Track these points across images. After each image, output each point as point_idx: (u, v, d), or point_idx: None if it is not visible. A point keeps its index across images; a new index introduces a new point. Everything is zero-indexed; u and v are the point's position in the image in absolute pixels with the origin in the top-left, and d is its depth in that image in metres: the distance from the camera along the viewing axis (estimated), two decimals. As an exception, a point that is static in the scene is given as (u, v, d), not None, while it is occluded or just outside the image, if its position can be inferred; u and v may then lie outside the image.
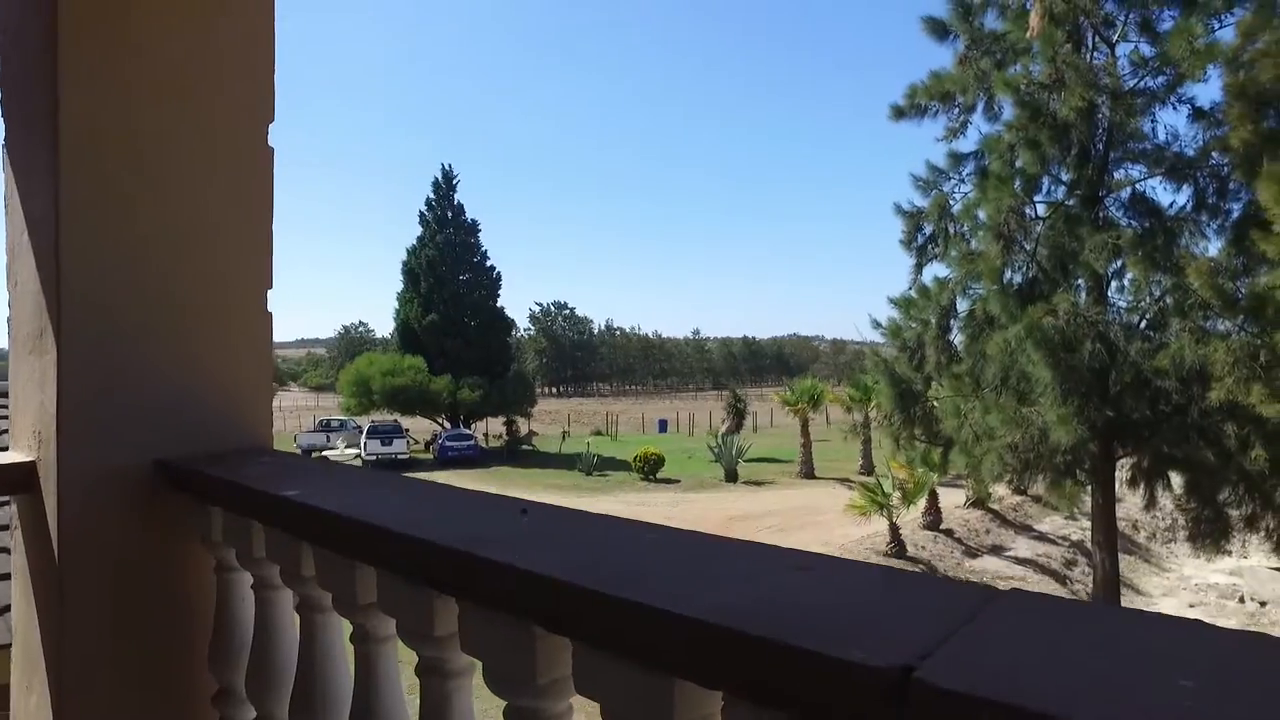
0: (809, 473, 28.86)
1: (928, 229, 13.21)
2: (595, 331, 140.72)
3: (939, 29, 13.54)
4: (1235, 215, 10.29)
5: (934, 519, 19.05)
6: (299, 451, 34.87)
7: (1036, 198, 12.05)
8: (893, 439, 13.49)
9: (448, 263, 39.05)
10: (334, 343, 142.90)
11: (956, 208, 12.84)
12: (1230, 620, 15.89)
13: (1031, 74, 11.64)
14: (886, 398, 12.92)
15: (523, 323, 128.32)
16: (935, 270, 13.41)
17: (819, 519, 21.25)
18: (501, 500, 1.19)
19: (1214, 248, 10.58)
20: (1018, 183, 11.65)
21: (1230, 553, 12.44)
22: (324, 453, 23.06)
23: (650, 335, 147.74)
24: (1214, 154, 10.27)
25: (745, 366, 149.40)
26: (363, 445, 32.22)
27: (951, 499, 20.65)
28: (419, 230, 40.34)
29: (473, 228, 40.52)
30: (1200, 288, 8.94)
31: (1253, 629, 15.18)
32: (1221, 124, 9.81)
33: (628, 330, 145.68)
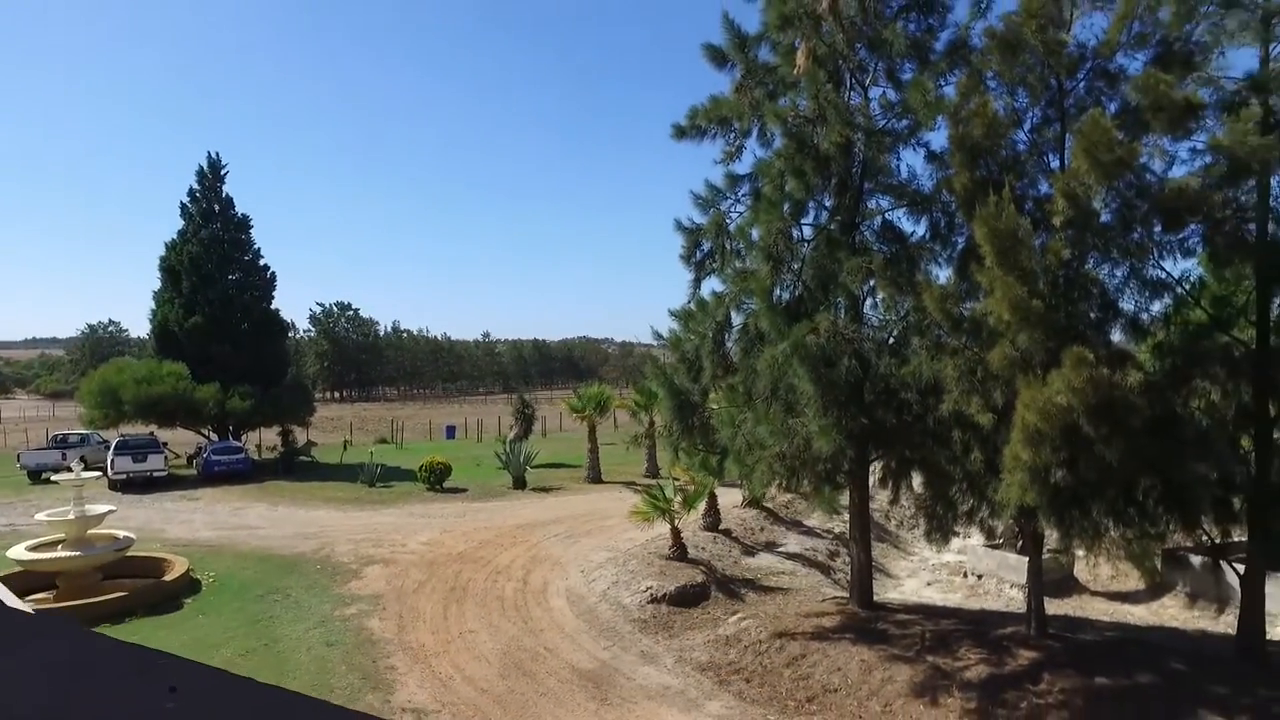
0: (596, 478, 29.32)
1: (706, 245, 13.91)
2: (381, 333, 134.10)
3: (718, 57, 14.28)
4: (960, 247, 11.80)
5: (713, 520, 20.04)
6: (23, 472, 30.08)
7: (803, 221, 13.04)
8: (672, 449, 14.04)
9: (214, 260, 35.34)
10: (76, 343, 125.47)
11: (733, 226, 13.63)
12: (958, 592, 18.18)
13: (799, 108, 12.57)
14: (666, 409, 13.43)
15: (303, 324, 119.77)
16: (714, 285, 14.17)
17: (605, 524, 21.64)
18: (152, 666, 0.98)
19: (945, 274, 12.09)
20: (786, 206, 12.52)
21: (958, 534, 14.15)
22: (55, 475, 19.92)
23: (439, 337, 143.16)
24: (944, 192, 11.69)
25: (536, 369, 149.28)
26: (109, 463, 28.21)
27: (730, 499, 21.84)
28: (180, 223, 36.20)
29: (244, 223, 37.02)
30: (933, 310, 10.11)
31: (973, 596, 17.40)
32: (949, 167, 11.18)
33: (415, 332, 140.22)
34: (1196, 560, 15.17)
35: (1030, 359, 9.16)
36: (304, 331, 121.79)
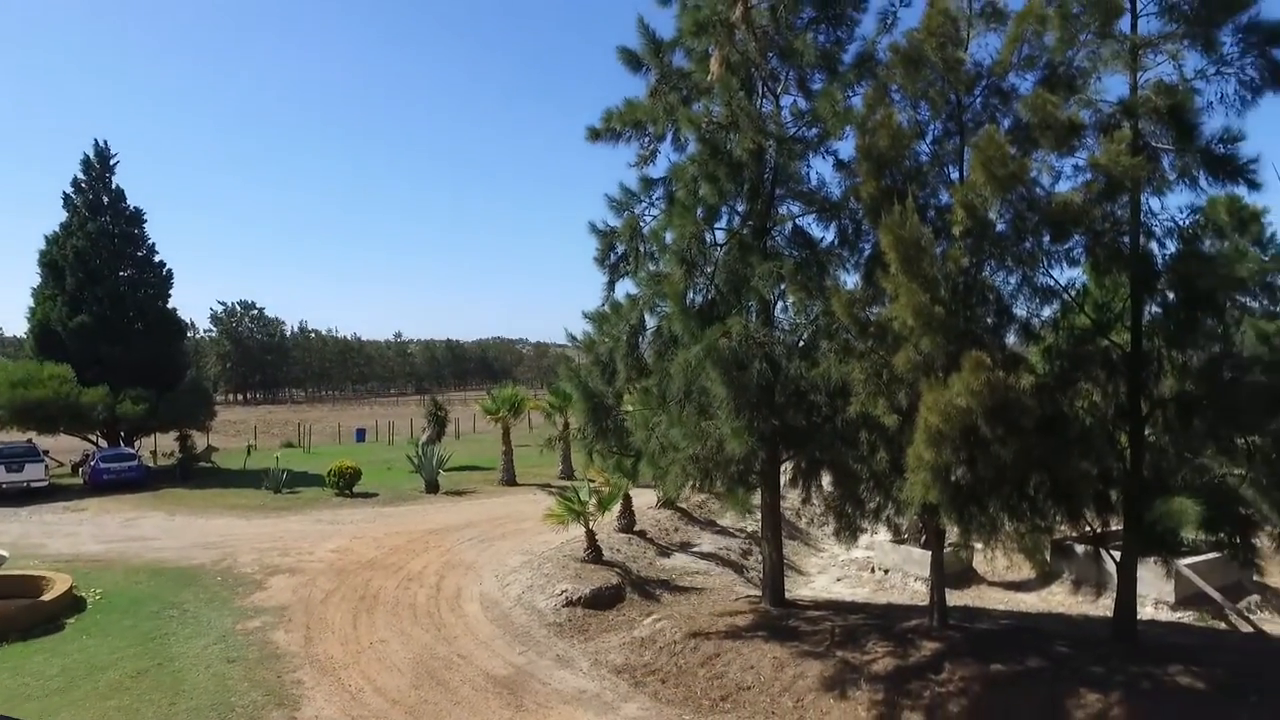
0: (510, 480, 29.07)
1: (620, 248, 13.96)
2: (288, 333, 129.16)
3: (633, 60, 14.36)
4: (867, 253, 12.21)
5: (629, 521, 20.14)
6: None
7: (717, 225, 13.22)
8: (587, 452, 14.03)
9: (103, 256, 33.24)
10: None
11: (647, 230, 13.72)
12: (866, 587, 18.80)
13: (712, 114, 12.75)
14: (580, 411, 13.42)
15: (203, 324, 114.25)
16: (628, 287, 14.23)
17: (520, 527, 21.47)
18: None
19: (853, 280, 12.49)
20: (700, 211, 12.67)
21: (866, 530, 14.62)
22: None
23: (349, 337, 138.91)
24: (852, 200, 12.07)
25: (449, 370, 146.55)
26: None
27: (645, 500, 21.99)
28: (64, 216, 33.88)
29: (136, 216, 34.98)
30: (841, 314, 10.43)
31: (880, 590, 18.05)
32: (856, 176, 11.54)
33: (324, 332, 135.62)
34: (1080, 549, 16.13)
35: (932, 362, 9.55)
36: (204, 332, 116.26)
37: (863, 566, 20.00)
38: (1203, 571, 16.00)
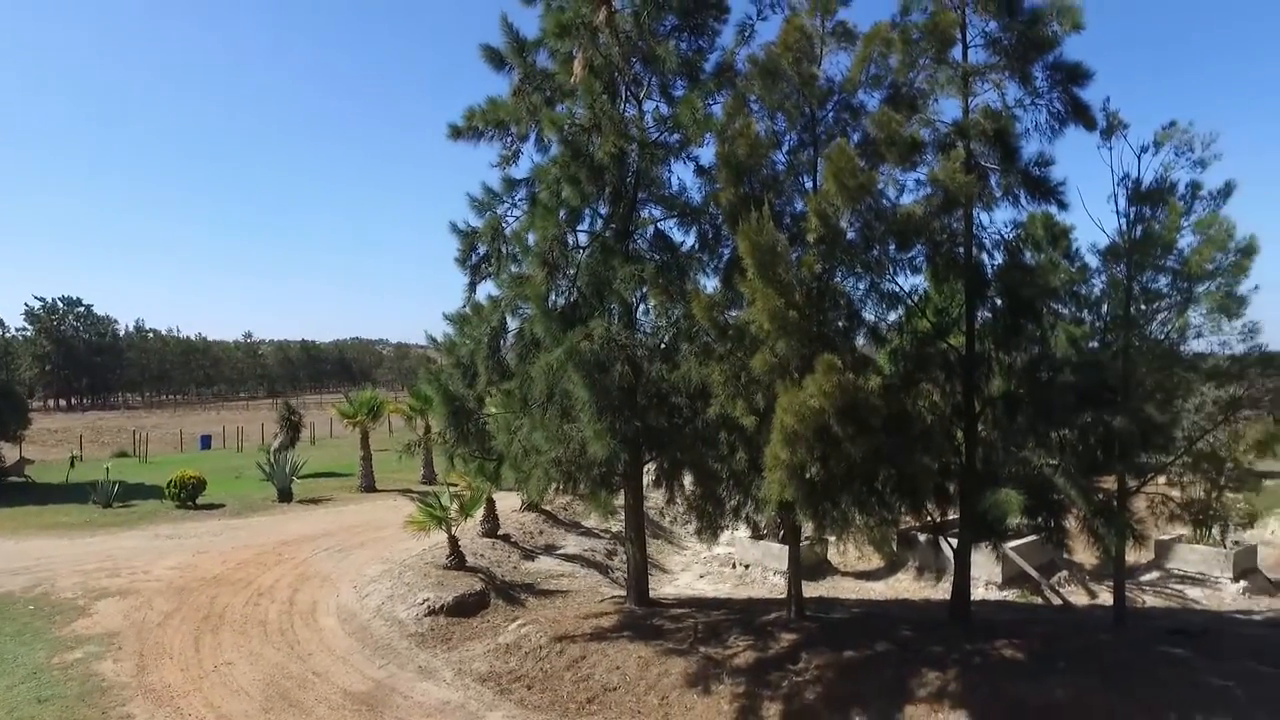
0: (370, 486, 27.97)
1: (482, 249, 13.69)
2: (121, 333, 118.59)
3: (496, 59, 14.09)
4: (726, 258, 12.55)
5: (492, 526, 19.79)
6: None
7: (579, 228, 13.22)
8: (447, 456, 13.67)
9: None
10: None
11: (509, 231, 13.51)
12: (728, 583, 19.30)
13: (575, 116, 12.71)
14: (440, 415, 13.04)
15: (15, 321, 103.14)
16: (490, 289, 13.97)
17: (380, 535, 20.67)
18: None
19: (713, 284, 12.80)
20: (563, 213, 12.60)
21: (727, 528, 15.02)
22: None
23: (193, 338, 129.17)
24: (712, 206, 12.36)
25: (304, 372, 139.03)
26: None
27: (510, 503, 21.67)
28: None
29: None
30: (701, 317, 10.66)
31: (741, 585, 18.60)
32: (716, 182, 11.84)
33: (164, 332, 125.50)
34: (922, 538, 17.24)
35: (788, 365, 9.91)
36: (17, 330, 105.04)
37: (725, 563, 20.54)
38: (1024, 553, 17.50)
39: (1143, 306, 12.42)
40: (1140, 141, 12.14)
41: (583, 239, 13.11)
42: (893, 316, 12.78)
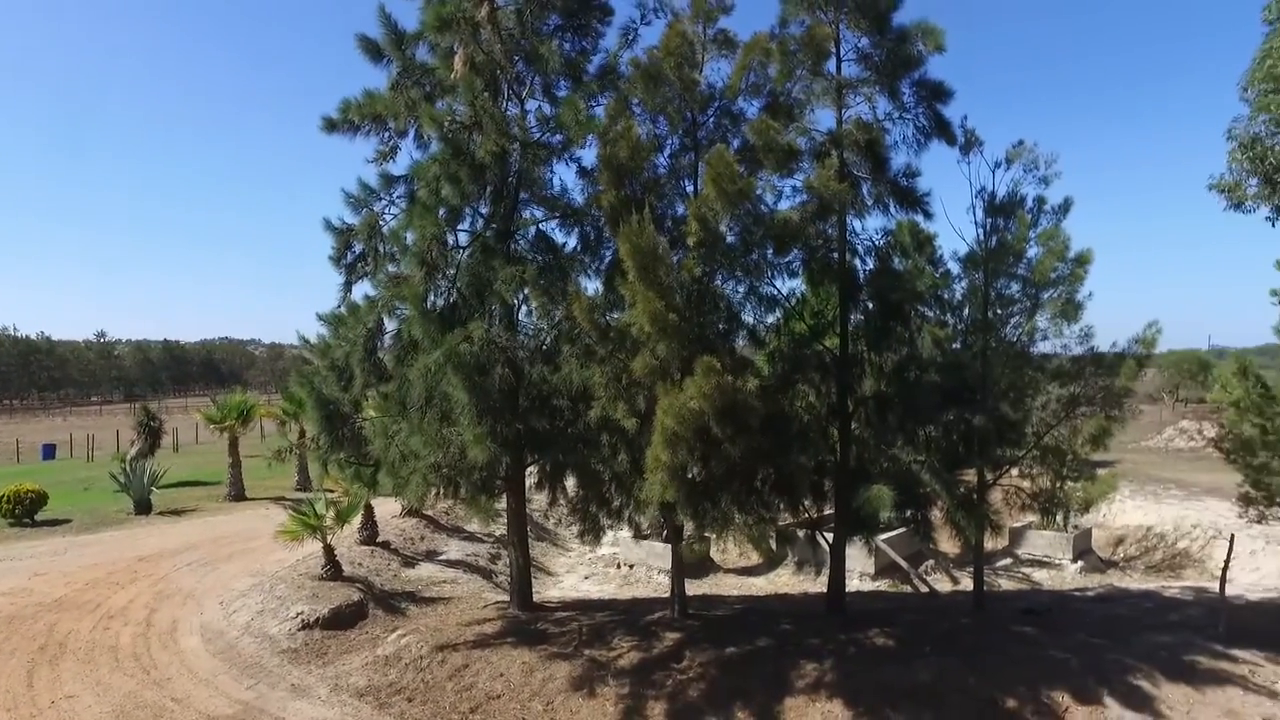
0: (239, 495, 26.43)
1: (358, 247, 13.17)
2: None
3: (374, 50, 13.57)
4: (608, 260, 12.56)
5: (371, 533, 19.09)
6: None
7: (460, 228, 12.88)
8: (321, 462, 13.07)
9: None
10: None
11: (387, 229, 13.04)
12: (613, 583, 19.36)
13: (456, 113, 12.40)
14: (313, 420, 12.45)
15: None
16: (366, 289, 13.44)
17: (251, 546, 19.54)
18: None
19: (595, 286, 12.78)
20: (443, 212, 12.25)
21: (611, 527, 15.04)
22: None
23: (35, 337, 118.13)
24: (594, 208, 12.33)
25: (167, 374, 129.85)
26: None
27: (390, 509, 20.96)
28: None
29: None
30: (582, 320, 10.62)
31: (626, 585, 18.70)
32: (598, 184, 11.82)
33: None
34: (800, 534, 17.83)
35: (668, 367, 10.01)
36: None
37: (609, 563, 20.61)
38: (894, 544, 18.42)
39: (998, 311, 13.29)
40: (995, 158, 13.05)
41: (463, 239, 12.81)
42: (771, 319, 13.16)
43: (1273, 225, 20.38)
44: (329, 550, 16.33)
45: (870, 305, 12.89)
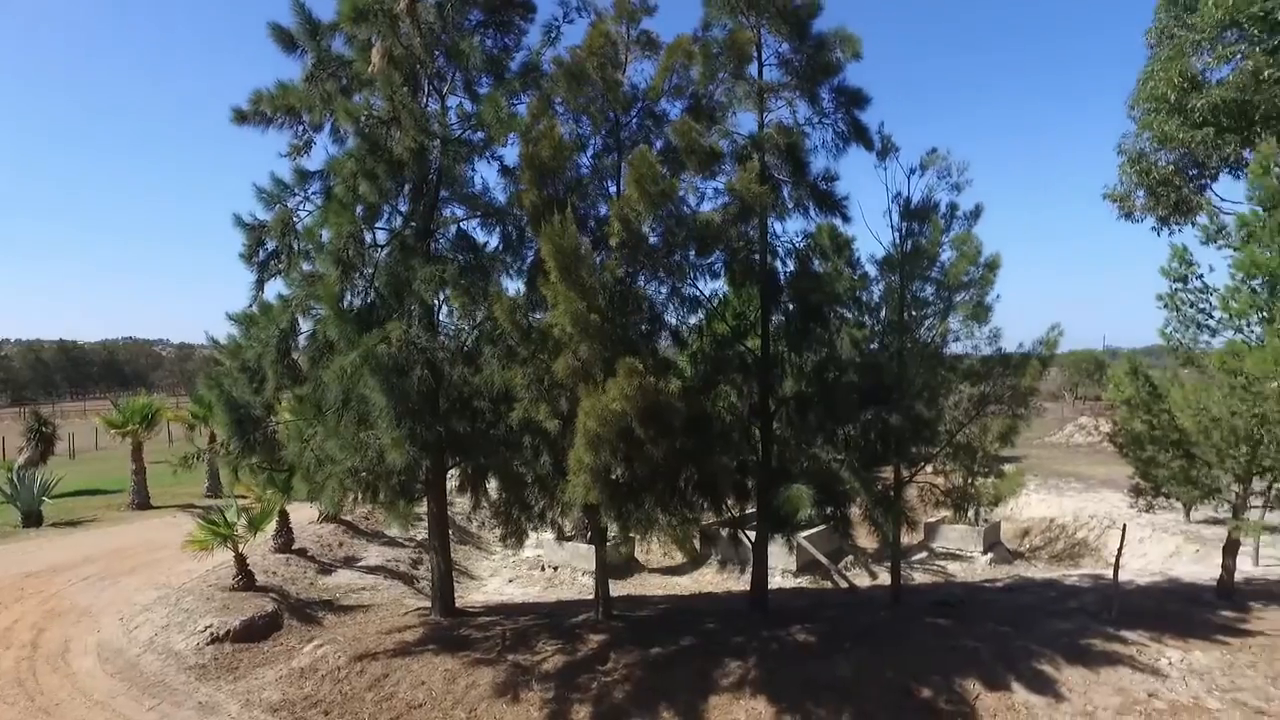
0: (144, 503, 25.13)
1: (271, 244, 12.68)
2: None
3: (287, 40, 13.07)
4: (530, 260, 12.42)
5: (286, 540, 18.43)
6: None
7: (378, 225, 12.52)
8: (231, 469, 12.53)
9: None
10: None
11: (301, 226, 12.59)
12: (537, 586, 19.19)
13: (373, 107, 12.07)
14: (223, 424, 11.91)
15: None
16: (279, 287, 12.94)
17: (156, 557, 18.59)
18: None
19: (517, 286, 12.63)
20: (360, 209, 11.90)
21: (535, 529, 14.89)
22: None
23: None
24: (516, 207, 12.16)
25: (62, 377, 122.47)
26: None
27: (306, 514, 20.29)
28: None
29: None
30: (503, 320, 10.46)
31: (551, 588, 18.58)
32: (520, 183, 11.67)
33: None
34: (724, 533, 18.04)
35: (590, 368, 9.95)
36: None
37: (534, 565, 20.43)
38: (815, 541, 18.82)
39: (913, 313, 13.70)
40: (910, 164, 13.45)
41: (381, 237, 12.45)
42: (694, 320, 13.26)
43: (1158, 234, 21.83)
44: (241, 559, 15.69)
45: (791, 307, 13.12)
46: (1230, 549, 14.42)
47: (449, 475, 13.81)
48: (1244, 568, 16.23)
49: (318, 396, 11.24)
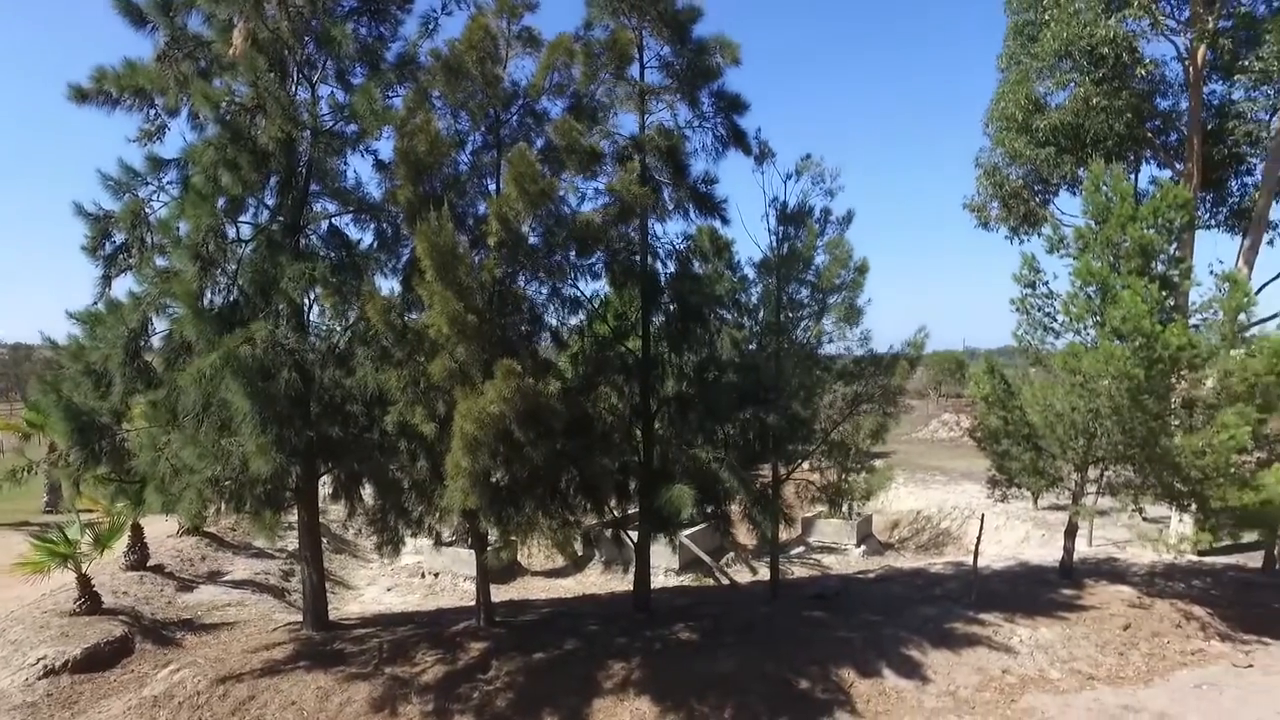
0: (-30, 523, 22.80)
1: (119, 237, 11.70)
2: None
3: (135, 14, 12.10)
4: (406, 259, 12.00)
5: (140, 556, 17.10)
6: None
7: (242, 219, 11.78)
8: (71, 482, 11.47)
9: None
10: None
11: (154, 218, 11.68)
12: (417, 593, 18.63)
13: (235, 93, 11.36)
14: (61, 432, 10.87)
15: None
16: (130, 284, 11.95)
17: (-21, 584, 16.83)
18: None
19: (393, 285, 12.19)
20: (222, 201, 11.16)
21: (414, 537, 14.38)
22: None
23: None
24: (392, 204, 11.73)
25: None
26: None
27: (166, 527, 18.96)
28: None
29: None
30: (376, 321, 10.05)
31: (431, 595, 18.06)
32: (395, 179, 11.26)
33: None
34: (607, 534, 18.07)
35: (468, 370, 9.72)
36: None
37: (413, 573, 19.83)
38: (697, 540, 19.14)
39: (790, 314, 14.14)
40: (786, 170, 13.88)
41: (246, 232, 11.71)
42: (574, 321, 13.20)
43: (1011, 243, 23.47)
44: (84, 581, 14.40)
45: (672, 308, 13.26)
46: (1070, 532, 15.68)
47: (321, 482, 13.17)
48: (1081, 549, 17.69)
49: (173, 401, 10.45)
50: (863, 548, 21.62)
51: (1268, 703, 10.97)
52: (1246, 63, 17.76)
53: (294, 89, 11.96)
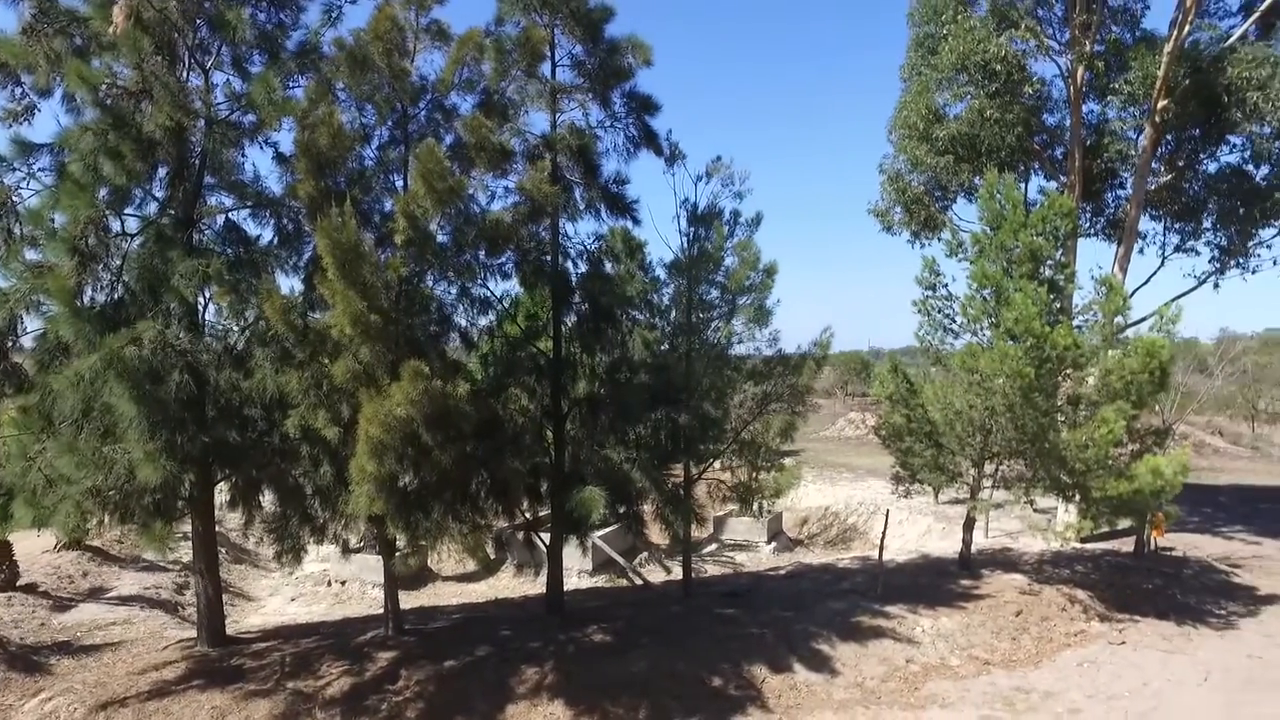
0: None
1: (-17, 228, 10.82)
2: None
3: (-1, -17, 11.22)
4: (308, 256, 11.52)
5: (9, 576, 15.85)
6: None
7: (127, 212, 11.06)
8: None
9: None
10: None
11: (23, 207, 10.84)
12: (323, 603, 17.96)
13: (118, 75, 10.66)
14: (-89, 443, 9.98)
15: None
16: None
17: None
18: None
19: (294, 283, 11.69)
20: (104, 192, 10.45)
21: (319, 544, 13.83)
22: None
23: None
24: (293, 199, 11.24)
25: None
26: None
27: (40, 543, 17.64)
28: None
29: None
30: (276, 320, 9.60)
31: (338, 604, 17.43)
32: (296, 173, 10.80)
33: None
34: (519, 537, 17.84)
35: (373, 372, 9.42)
36: None
37: (319, 581, 19.11)
38: (609, 540, 19.12)
39: (700, 315, 14.29)
40: (697, 171, 14.02)
41: (133, 225, 11.01)
42: (484, 321, 13.01)
43: (912, 247, 24.43)
44: (-57, 602, 13.25)
45: (583, 308, 13.20)
46: (968, 525, 16.41)
47: (218, 489, 12.51)
48: (979, 540, 18.55)
49: (48, 406, 9.74)
50: (773, 544, 22.07)
51: (1137, 675, 11.79)
52: (1117, 85, 19.04)
53: (185, 74, 11.30)
